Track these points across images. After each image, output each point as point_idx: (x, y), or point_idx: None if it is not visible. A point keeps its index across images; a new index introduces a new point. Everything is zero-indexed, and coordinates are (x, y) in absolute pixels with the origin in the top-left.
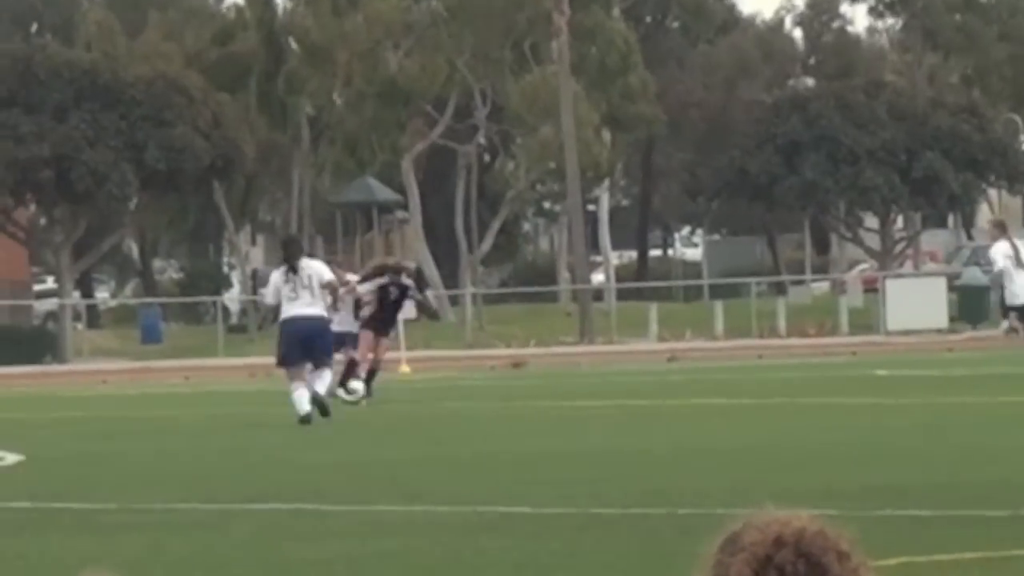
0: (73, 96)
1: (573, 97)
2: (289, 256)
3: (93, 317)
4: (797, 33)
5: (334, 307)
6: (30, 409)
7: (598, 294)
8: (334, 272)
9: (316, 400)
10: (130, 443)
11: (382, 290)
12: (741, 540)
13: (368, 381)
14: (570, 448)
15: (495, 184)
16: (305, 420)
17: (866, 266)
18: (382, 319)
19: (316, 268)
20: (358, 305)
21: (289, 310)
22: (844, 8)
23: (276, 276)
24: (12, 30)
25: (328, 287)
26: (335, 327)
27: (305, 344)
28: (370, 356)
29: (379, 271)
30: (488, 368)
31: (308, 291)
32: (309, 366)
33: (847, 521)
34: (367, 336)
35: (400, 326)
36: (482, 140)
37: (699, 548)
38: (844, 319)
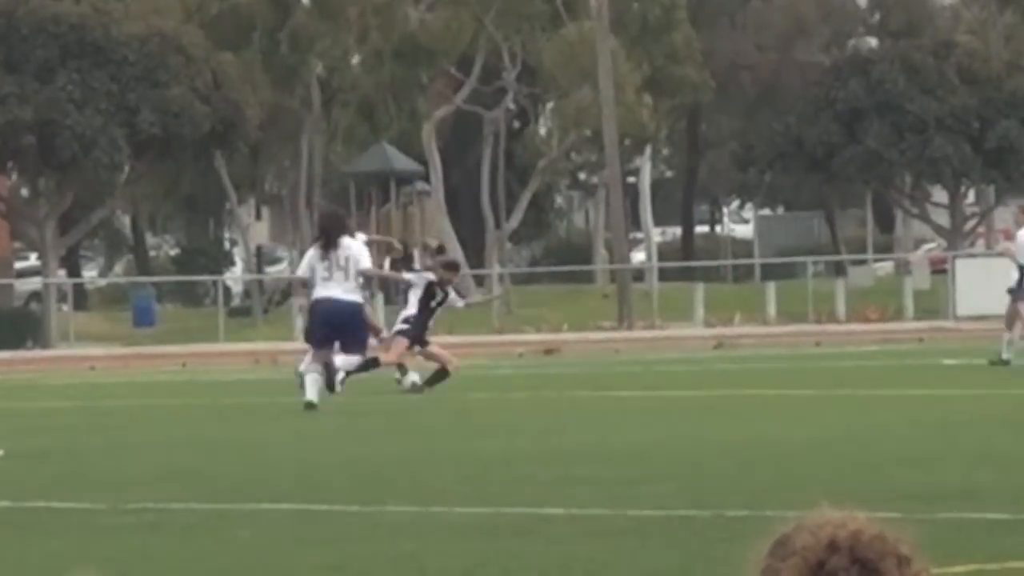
0: (59, 54)
1: (612, 57)
2: (327, 232)
3: (80, 298)
4: None
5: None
6: (10, 398)
7: (639, 274)
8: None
9: (327, 370)
10: (120, 436)
11: (429, 288)
12: (792, 544)
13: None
14: (607, 443)
15: (525, 153)
16: (310, 406)
17: (934, 245)
18: (422, 326)
19: (355, 251)
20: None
21: (321, 291)
22: None
23: (312, 252)
24: None
25: (364, 274)
26: None
27: (336, 328)
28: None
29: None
30: (517, 355)
31: (343, 273)
32: (336, 346)
33: (911, 524)
34: (402, 344)
35: None
36: (511, 104)
37: (747, 553)
38: (909, 303)
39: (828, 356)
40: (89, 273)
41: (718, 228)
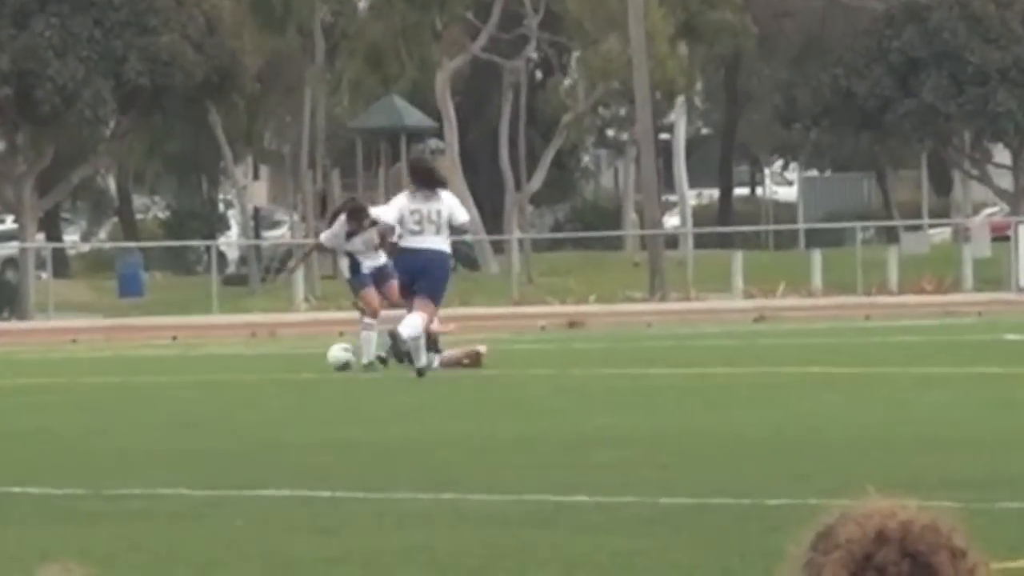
0: None
1: (643, 1)
2: (424, 180)
3: (61, 264)
4: None
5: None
6: None
7: (672, 240)
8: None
9: (394, 339)
10: (104, 416)
11: None
12: (837, 535)
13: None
14: (636, 426)
15: (548, 107)
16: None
17: (995, 209)
18: None
19: (451, 205)
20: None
21: (409, 242)
22: None
23: (402, 198)
24: None
25: (461, 229)
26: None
27: (416, 274)
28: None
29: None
30: (538, 329)
31: (434, 227)
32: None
33: (968, 514)
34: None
35: None
36: (533, 54)
37: (788, 545)
38: (968, 273)
39: (879, 331)
40: (70, 237)
41: (759, 190)
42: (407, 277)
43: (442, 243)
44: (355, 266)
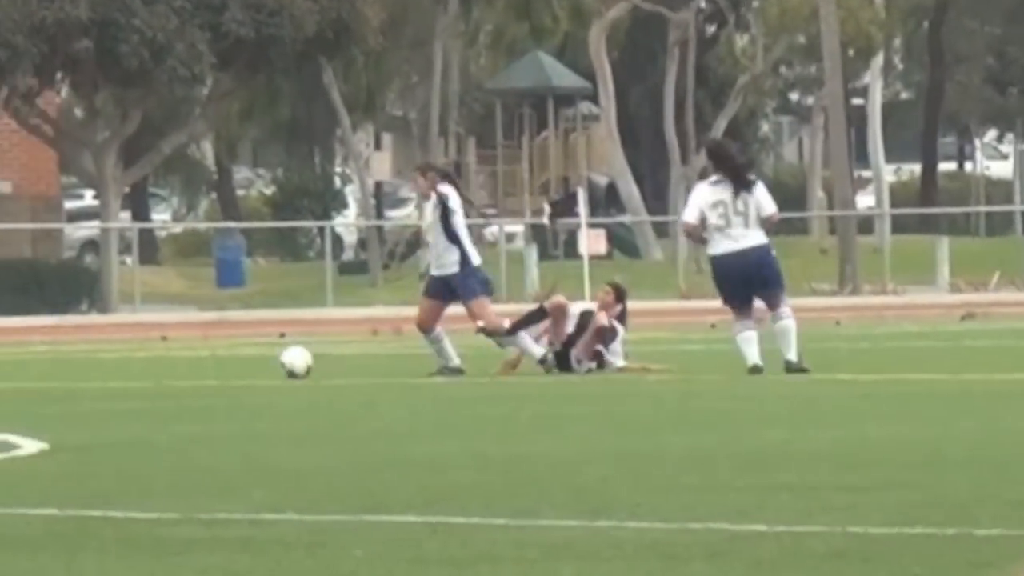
0: None
1: None
2: (723, 167)
3: (149, 248)
4: None
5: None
6: (58, 376)
7: (866, 224)
8: None
9: (789, 368)
10: (199, 427)
11: None
12: None
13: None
14: (822, 441)
15: (721, 67)
16: (755, 370)
17: None
18: None
19: (759, 195)
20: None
21: (717, 244)
22: None
23: (702, 189)
24: None
25: (767, 223)
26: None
27: (747, 282)
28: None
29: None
30: (708, 326)
31: (742, 219)
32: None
33: None
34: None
35: (585, 266)
36: (704, 4)
37: None
38: None
39: None
40: (160, 216)
41: (968, 165)
42: (732, 286)
43: (754, 237)
44: (465, 255)
